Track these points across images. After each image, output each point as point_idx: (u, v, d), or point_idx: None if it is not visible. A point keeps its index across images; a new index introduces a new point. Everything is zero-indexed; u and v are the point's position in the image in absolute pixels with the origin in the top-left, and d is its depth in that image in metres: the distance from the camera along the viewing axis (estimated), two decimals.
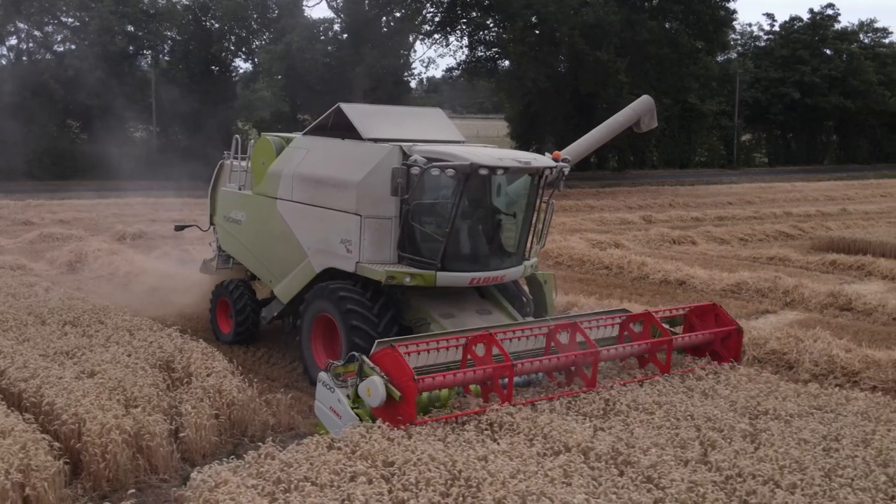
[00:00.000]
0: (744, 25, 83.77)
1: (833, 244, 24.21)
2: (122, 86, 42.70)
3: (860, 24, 74.65)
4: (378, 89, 42.47)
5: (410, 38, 49.87)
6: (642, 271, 19.62)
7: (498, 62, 53.58)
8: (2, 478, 6.85)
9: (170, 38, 48.83)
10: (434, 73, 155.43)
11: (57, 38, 47.03)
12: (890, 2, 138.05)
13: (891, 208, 37.34)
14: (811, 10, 71.89)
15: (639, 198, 39.30)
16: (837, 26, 71.08)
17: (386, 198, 10.48)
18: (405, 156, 10.46)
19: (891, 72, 70.41)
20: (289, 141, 12.54)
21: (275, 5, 47.86)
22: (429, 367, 8.74)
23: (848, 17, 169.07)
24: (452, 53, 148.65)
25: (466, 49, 53.07)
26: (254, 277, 13.41)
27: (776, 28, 72.17)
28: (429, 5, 49.70)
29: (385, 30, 47.61)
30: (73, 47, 46.20)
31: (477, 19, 50.85)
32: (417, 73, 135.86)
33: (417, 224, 10.66)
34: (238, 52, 50.54)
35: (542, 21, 44.89)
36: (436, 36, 51.68)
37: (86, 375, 9.47)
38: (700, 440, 7.70)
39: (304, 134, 12.55)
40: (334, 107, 11.88)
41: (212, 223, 14.34)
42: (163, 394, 9.23)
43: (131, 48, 47.10)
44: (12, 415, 8.31)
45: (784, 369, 12.07)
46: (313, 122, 12.55)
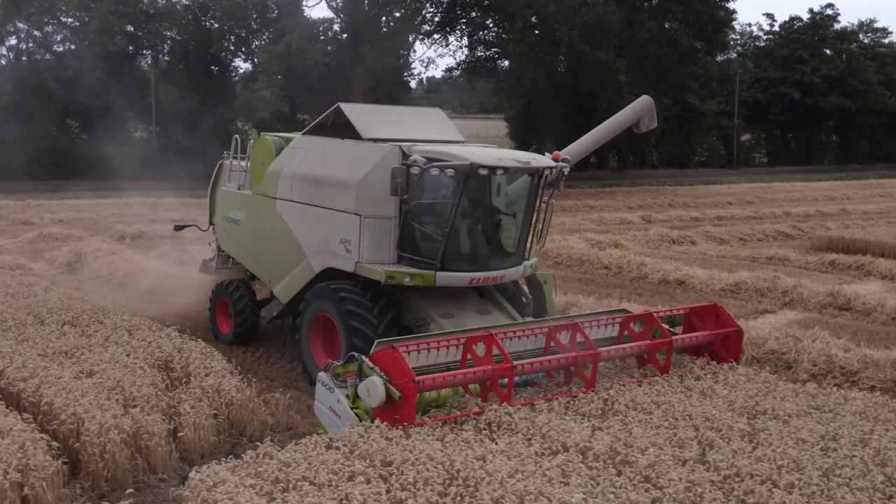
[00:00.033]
0: (743, 25, 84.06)
1: (832, 244, 24.21)
2: (122, 86, 42.73)
3: (860, 24, 74.80)
4: (378, 89, 42.43)
5: (410, 38, 49.89)
6: (641, 271, 19.62)
7: (497, 62, 53.62)
8: (0, 477, 6.85)
9: (169, 38, 48.83)
10: (434, 73, 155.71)
11: (56, 38, 47.04)
12: (890, 2, 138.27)
13: (890, 208, 37.35)
14: (811, 10, 72.11)
15: (638, 198, 39.30)
16: (837, 26, 71.20)
17: (385, 198, 10.48)
18: (405, 156, 10.45)
19: (890, 72, 70.41)
20: (288, 141, 12.52)
21: (274, 5, 47.86)
22: (428, 367, 8.73)
23: (847, 17, 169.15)
24: (452, 53, 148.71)
25: (466, 49, 53.25)
26: (253, 277, 13.40)
27: (776, 28, 72.35)
28: (428, 5, 49.75)
29: (385, 30, 47.63)
30: (73, 47, 46.18)
31: (476, 19, 50.87)
32: (417, 73, 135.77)
33: (417, 224, 10.64)
34: (238, 52, 50.61)
35: (542, 21, 44.88)
36: (435, 36, 51.80)
37: (84, 375, 9.47)
38: (698, 440, 7.70)
39: (304, 134, 12.53)
40: (334, 107, 11.87)
41: (211, 223, 14.33)
42: (161, 393, 9.23)
43: (131, 48, 47.08)
44: (11, 414, 8.31)
45: (783, 369, 12.08)
46: (313, 122, 12.54)
